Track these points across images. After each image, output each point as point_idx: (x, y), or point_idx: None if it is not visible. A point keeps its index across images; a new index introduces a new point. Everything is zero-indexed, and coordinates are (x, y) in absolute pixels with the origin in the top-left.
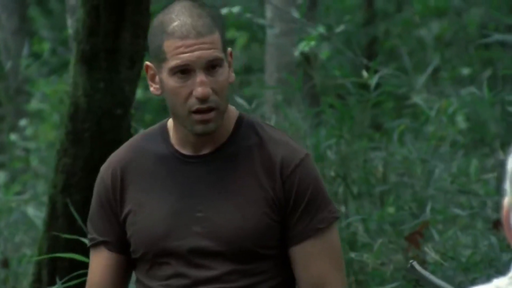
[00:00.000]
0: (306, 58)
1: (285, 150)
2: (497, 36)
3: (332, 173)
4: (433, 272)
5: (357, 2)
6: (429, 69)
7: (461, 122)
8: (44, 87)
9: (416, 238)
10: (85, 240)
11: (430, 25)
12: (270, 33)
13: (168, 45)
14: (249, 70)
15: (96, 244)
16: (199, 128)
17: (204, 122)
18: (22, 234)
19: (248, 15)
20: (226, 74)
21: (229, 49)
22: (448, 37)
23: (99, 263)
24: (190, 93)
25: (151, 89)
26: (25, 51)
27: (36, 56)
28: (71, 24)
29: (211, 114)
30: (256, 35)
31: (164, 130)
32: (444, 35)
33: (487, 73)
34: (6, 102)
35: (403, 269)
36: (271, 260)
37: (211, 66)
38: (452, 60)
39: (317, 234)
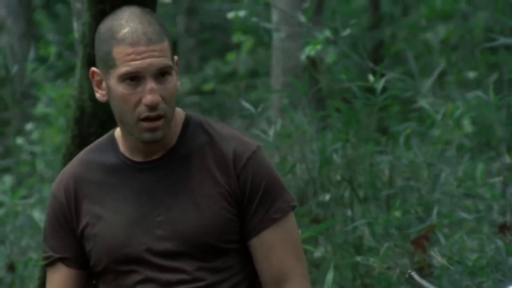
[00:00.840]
0: (312, 62)
1: (236, 144)
2: (503, 40)
3: (338, 177)
4: (439, 277)
5: (363, 6)
6: (435, 73)
7: (467, 125)
8: (50, 91)
9: (422, 242)
10: None
11: (436, 28)
12: (276, 37)
13: (118, 51)
14: (255, 74)
15: (52, 262)
16: (146, 135)
17: (152, 130)
18: (28, 238)
19: (254, 19)
20: (174, 82)
21: (176, 57)
22: (454, 41)
23: (58, 280)
24: (139, 101)
25: (97, 95)
26: (31, 55)
27: (42, 60)
28: (77, 28)
29: (159, 122)
30: (262, 39)
31: (113, 140)
32: (450, 39)
33: (493, 76)
34: (13, 106)
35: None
36: (235, 254)
37: (161, 74)
38: (458, 64)
39: (274, 225)
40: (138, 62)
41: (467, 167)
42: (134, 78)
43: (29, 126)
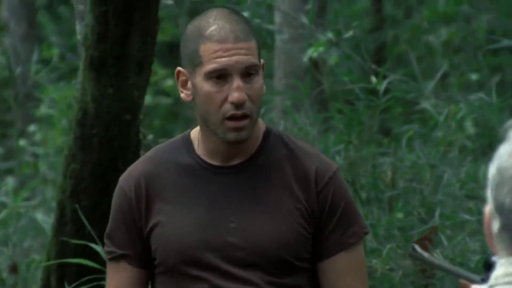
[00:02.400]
0: (315, 64)
1: (318, 162)
2: (506, 42)
3: None
4: (442, 279)
5: (365, 7)
6: (438, 75)
7: (469, 127)
8: (53, 92)
9: (425, 244)
10: (94, 246)
11: (439, 31)
12: (279, 39)
13: (205, 48)
14: None
15: (115, 258)
16: (231, 135)
17: (238, 129)
18: (30, 239)
19: (256, 20)
20: (261, 82)
21: (262, 60)
22: (457, 43)
23: (119, 277)
24: (225, 99)
25: (182, 95)
26: (35, 57)
27: (45, 62)
28: (80, 30)
29: (245, 122)
30: (265, 40)
31: (188, 141)
32: (452, 41)
33: (496, 79)
34: (15, 107)
35: (412, 274)
36: (305, 274)
37: (247, 73)
38: (461, 66)
39: (348, 249)
40: (225, 59)
41: (469, 169)
42: (220, 76)
43: (31, 127)
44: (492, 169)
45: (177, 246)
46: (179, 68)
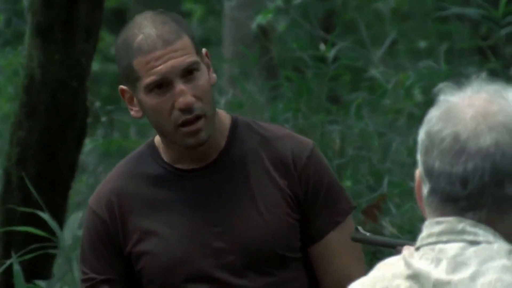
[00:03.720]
0: (263, 31)
1: (293, 143)
2: (454, 9)
3: None
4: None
5: None
6: (387, 43)
7: (417, 95)
8: None
9: (373, 212)
10: (41, 214)
11: None
12: (227, 6)
13: (137, 62)
14: (206, 43)
15: (95, 285)
16: (190, 140)
17: (194, 133)
18: None
19: None
20: (205, 76)
21: (204, 49)
22: (405, 10)
23: None
24: (172, 106)
25: (132, 113)
26: None
27: None
28: None
29: (200, 123)
30: (213, 7)
31: (153, 149)
32: (401, 8)
33: (444, 46)
34: None
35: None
36: (299, 264)
37: (188, 72)
38: (409, 33)
39: (338, 227)
40: (160, 67)
41: (417, 137)
42: (161, 85)
43: None
44: (422, 134)
45: (165, 261)
46: (121, 86)
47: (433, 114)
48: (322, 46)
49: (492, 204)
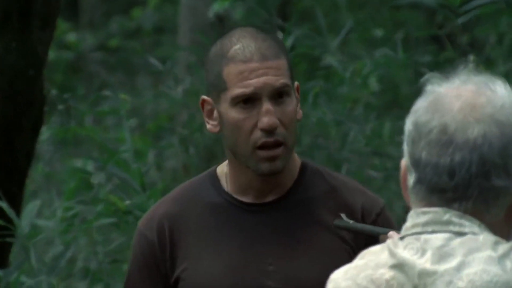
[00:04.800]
0: (220, 19)
1: (364, 198)
2: None
3: None
4: None
5: None
6: (344, 31)
7: (374, 84)
8: None
9: None
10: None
11: None
12: None
13: (229, 71)
14: (161, 31)
15: None
16: (265, 166)
17: (271, 159)
18: None
19: None
20: (294, 105)
21: (296, 83)
22: None
23: None
24: (255, 126)
25: (208, 126)
26: None
27: None
28: None
29: (278, 150)
30: None
31: (214, 177)
32: None
33: (400, 34)
34: None
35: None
36: None
37: (278, 95)
38: (366, 22)
39: None
40: (252, 81)
41: (375, 126)
42: (248, 100)
43: None
44: (409, 124)
45: None
46: (203, 96)
47: (420, 105)
48: (279, 34)
49: (478, 195)
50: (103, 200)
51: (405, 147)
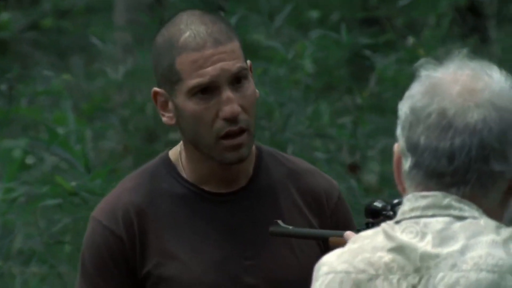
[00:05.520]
0: None
1: (324, 181)
2: None
3: None
4: None
5: None
6: (284, 13)
7: (310, 66)
8: None
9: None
10: None
11: None
12: None
13: (182, 61)
14: (94, 10)
15: None
16: (231, 155)
17: (236, 147)
18: None
19: None
20: (253, 87)
21: (249, 61)
22: None
23: None
24: (216, 115)
25: (164, 119)
26: None
27: None
28: None
29: (243, 138)
30: None
31: (170, 165)
32: None
33: (336, 16)
34: None
35: None
36: None
37: (236, 80)
38: (302, 3)
39: None
40: (208, 69)
41: (315, 108)
42: (206, 89)
43: None
44: (405, 108)
45: None
46: (155, 89)
47: (416, 90)
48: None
49: (476, 180)
50: (49, 181)
51: (400, 131)
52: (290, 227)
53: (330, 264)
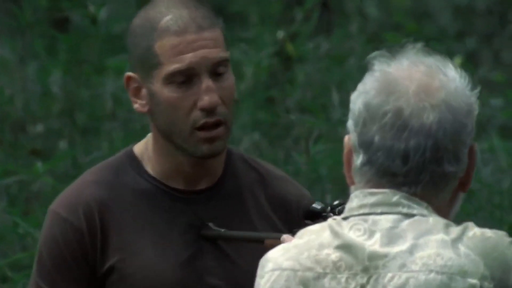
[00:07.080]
0: None
1: (293, 188)
2: None
3: (58, 109)
4: None
5: None
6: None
7: None
8: None
9: None
10: None
11: None
12: None
13: (161, 45)
14: None
15: None
16: (205, 148)
17: (211, 140)
18: None
19: None
20: (233, 80)
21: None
22: None
23: None
24: (193, 105)
25: (136, 106)
26: None
27: None
28: None
29: (219, 130)
30: None
31: (134, 159)
32: None
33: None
34: None
35: None
36: None
37: (216, 70)
38: None
39: None
40: (188, 55)
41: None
42: (184, 77)
43: None
44: (358, 104)
45: None
46: (128, 73)
47: (371, 85)
48: (91, 9)
49: (429, 180)
50: None
51: (352, 126)
52: (222, 230)
53: (275, 261)
